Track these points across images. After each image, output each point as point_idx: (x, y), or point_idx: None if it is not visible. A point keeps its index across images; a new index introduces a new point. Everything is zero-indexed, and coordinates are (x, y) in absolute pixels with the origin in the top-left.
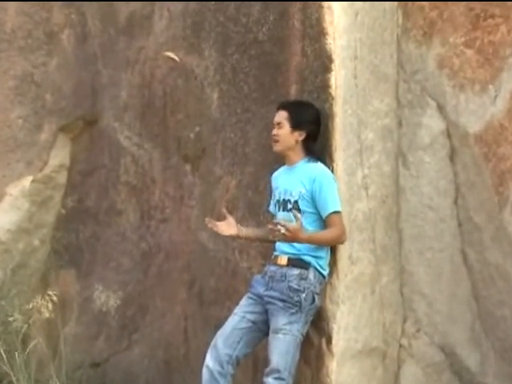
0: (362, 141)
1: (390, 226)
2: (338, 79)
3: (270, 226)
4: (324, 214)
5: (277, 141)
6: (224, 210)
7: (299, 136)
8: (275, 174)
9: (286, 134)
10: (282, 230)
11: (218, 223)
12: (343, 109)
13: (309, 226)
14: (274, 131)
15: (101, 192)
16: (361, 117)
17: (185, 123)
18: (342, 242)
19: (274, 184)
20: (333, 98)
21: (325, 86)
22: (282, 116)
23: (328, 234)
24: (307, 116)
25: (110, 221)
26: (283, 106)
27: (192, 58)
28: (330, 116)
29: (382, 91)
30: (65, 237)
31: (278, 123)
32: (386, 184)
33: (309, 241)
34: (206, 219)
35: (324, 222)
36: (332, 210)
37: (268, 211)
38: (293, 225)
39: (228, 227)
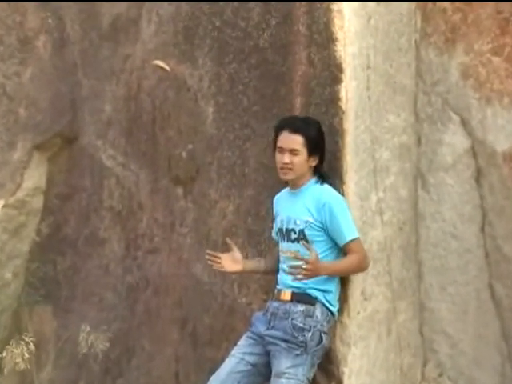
0: (376, 160)
1: (407, 256)
2: (349, 91)
3: (290, 270)
4: (341, 244)
5: (290, 169)
6: (229, 241)
7: (313, 161)
8: (276, 197)
9: (302, 161)
10: (303, 266)
11: (222, 257)
12: (355, 124)
13: (321, 255)
14: (286, 158)
15: (81, 218)
16: (375, 133)
17: (176, 140)
18: (365, 269)
19: (275, 209)
20: (343, 113)
21: (334, 99)
22: (297, 142)
23: (350, 260)
24: (319, 137)
25: (92, 251)
26: (295, 128)
27: (184, 68)
28: (339, 133)
29: (398, 104)
30: (40, 269)
31: (293, 150)
32: (404, 209)
33: (332, 271)
34: (207, 254)
35: (341, 250)
36: (349, 239)
37: (271, 238)
38: (311, 256)
39: (233, 262)
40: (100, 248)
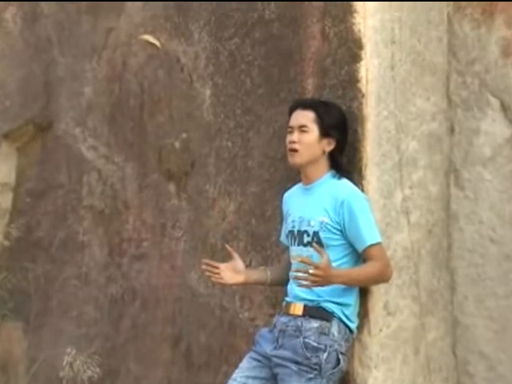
0: (401, 152)
1: (438, 264)
2: (370, 71)
3: (295, 275)
4: (360, 249)
5: (296, 150)
6: (229, 247)
7: (328, 145)
8: (287, 194)
9: (312, 141)
10: (310, 271)
11: (221, 267)
12: (377, 110)
13: (337, 263)
14: (294, 136)
15: (56, 219)
16: (400, 120)
17: (167, 128)
18: (386, 279)
19: (285, 208)
20: (363, 96)
21: (352, 80)
22: (307, 117)
23: (369, 268)
24: (338, 119)
25: (69, 257)
26: (307, 104)
27: (177, 43)
28: (359, 119)
29: (427, 86)
30: (8, 278)
31: (302, 126)
32: (433, 209)
33: (346, 280)
34: (203, 265)
35: (360, 257)
36: (370, 243)
37: (279, 243)
38: (322, 261)
39: (233, 273)
40: (78, 254)
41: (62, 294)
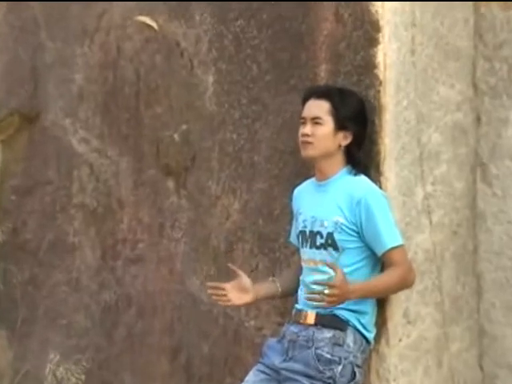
0: (422, 145)
1: (463, 268)
2: (389, 56)
3: (307, 295)
4: (380, 252)
5: (310, 143)
6: (232, 266)
7: (344, 139)
8: (297, 190)
9: (326, 134)
10: (326, 291)
11: (227, 288)
12: (396, 99)
13: (353, 267)
14: (307, 129)
15: (44, 219)
16: (421, 110)
17: (166, 119)
18: (409, 285)
19: (295, 205)
20: (380, 84)
21: (369, 66)
22: (321, 108)
23: (390, 277)
24: (355, 109)
25: (58, 261)
26: (321, 93)
27: (176, 26)
28: (376, 109)
29: (451, 73)
30: None
31: (315, 118)
32: (458, 207)
33: (365, 293)
34: (209, 288)
35: (379, 261)
36: (390, 246)
37: (288, 243)
38: (335, 279)
39: (241, 292)
40: (68, 257)
41: (51, 300)
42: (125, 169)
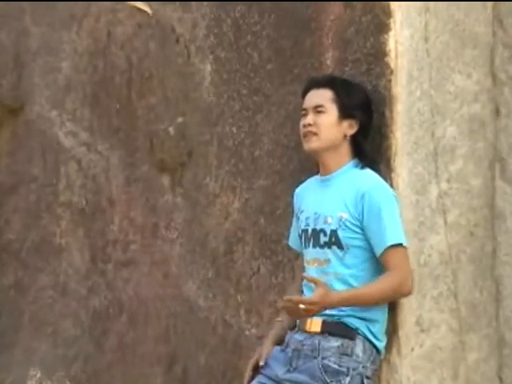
0: (437, 139)
1: (481, 272)
2: (400, 43)
3: (281, 304)
4: (379, 251)
5: (314, 133)
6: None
7: (349, 128)
8: (299, 188)
9: (330, 123)
10: (301, 306)
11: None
12: (408, 89)
13: (355, 270)
14: (309, 119)
15: (29, 218)
16: (436, 101)
17: (160, 111)
18: (405, 294)
19: (297, 204)
20: (392, 73)
21: (379, 54)
22: (323, 96)
23: (382, 284)
24: (360, 97)
25: (44, 264)
26: (322, 82)
27: (171, 10)
28: (387, 100)
29: (468, 61)
30: None
31: (318, 107)
32: (475, 206)
33: (351, 303)
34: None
35: (379, 269)
36: (390, 243)
37: (290, 246)
38: (315, 295)
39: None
40: (55, 260)
41: (36, 306)
42: (116, 164)
